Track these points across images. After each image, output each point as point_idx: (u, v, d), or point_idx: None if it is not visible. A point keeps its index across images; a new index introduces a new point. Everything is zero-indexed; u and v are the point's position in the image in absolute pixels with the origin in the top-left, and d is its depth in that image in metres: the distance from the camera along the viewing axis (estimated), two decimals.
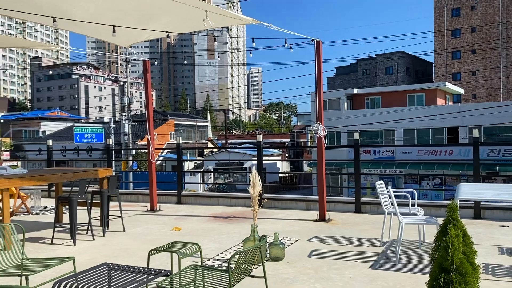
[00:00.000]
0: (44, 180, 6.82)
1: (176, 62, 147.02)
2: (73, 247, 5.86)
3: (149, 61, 8.44)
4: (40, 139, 45.98)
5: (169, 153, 38.49)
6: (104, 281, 3.04)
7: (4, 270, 3.62)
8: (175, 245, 3.97)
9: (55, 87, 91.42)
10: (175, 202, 9.59)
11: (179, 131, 51.35)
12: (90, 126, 38.78)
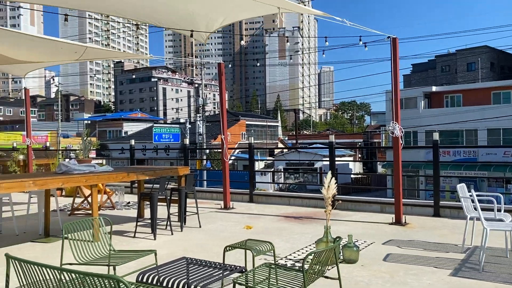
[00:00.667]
0: (128, 177, 7.30)
1: (248, 63, 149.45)
2: (153, 241, 6.21)
3: (223, 64, 8.68)
4: (123, 139, 49.10)
5: (240, 153, 39.26)
6: (183, 274, 3.19)
7: (94, 260, 3.94)
8: (249, 242, 4.06)
9: (136, 90, 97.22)
10: (247, 200, 9.78)
11: (250, 131, 52.16)
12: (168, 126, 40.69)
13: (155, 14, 6.60)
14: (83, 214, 8.48)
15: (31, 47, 6.71)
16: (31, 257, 2.72)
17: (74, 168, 6.27)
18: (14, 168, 10.97)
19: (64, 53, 7.05)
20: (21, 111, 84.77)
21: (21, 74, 10.09)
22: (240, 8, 6.60)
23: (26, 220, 7.31)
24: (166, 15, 6.65)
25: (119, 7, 6.24)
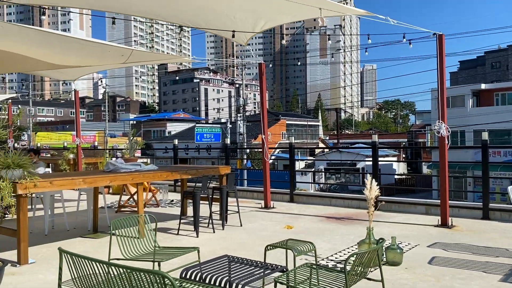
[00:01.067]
0: (172, 176, 7.49)
1: (288, 62, 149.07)
2: (196, 238, 6.34)
3: (264, 64, 8.72)
4: (166, 138, 50.31)
5: (281, 152, 39.22)
6: (224, 272, 3.24)
7: (139, 255, 4.07)
8: (290, 242, 4.07)
9: (179, 91, 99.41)
10: (287, 200, 9.77)
11: (290, 130, 52.01)
12: (209, 126, 41.32)
13: (197, 19, 6.74)
14: (129, 211, 8.78)
15: (80, 50, 7.02)
16: (81, 252, 2.87)
17: (121, 167, 6.50)
18: (65, 167, 11.50)
19: (111, 56, 7.33)
20: (71, 112, 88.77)
21: (72, 78, 10.59)
22: (282, 12, 6.61)
23: (76, 216, 7.66)
24: (208, 21, 6.76)
25: (164, 12, 6.41)
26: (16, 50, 6.64)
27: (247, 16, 6.68)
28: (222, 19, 6.70)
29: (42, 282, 4.49)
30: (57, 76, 9.86)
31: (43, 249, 5.80)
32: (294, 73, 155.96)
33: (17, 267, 5.00)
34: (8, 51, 6.50)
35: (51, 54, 6.97)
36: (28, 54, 6.84)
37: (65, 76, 10.15)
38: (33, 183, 5.05)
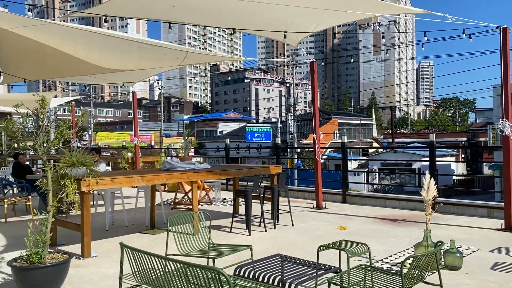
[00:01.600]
0: (224, 175, 7.63)
1: (340, 60, 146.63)
2: (248, 236, 6.41)
3: (316, 62, 8.65)
4: (218, 138, 51.19)
5: (332, 152, 38.67)
6: (277, 271, 3.26)
7: (194, 252, 4.19)
8: (343, 243, 4.02)
9: (230, 91, 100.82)
10: (340, 201, 9.63)
11: (342, 130, 51.15)
12: (260, 126, 41.56)
13: (249, 25, 6.82)
14: (184, 208, 9.03)
15: (139, 53, 7.33)
16: (139, 247, 3.00)
17: (176, 166, 6.71)
18: (124, 165, 12.01)
19: (167, 59, 7.59)
20: (128, 112, 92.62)
21: (131, 84, 11.08)
22: (334, 15, 6.54)
23: (134, 212, 7.99)
24: (260, 26, 6.82)
25: (217, 18, 6.54)
26: (79, 54, 7.05)
27: (299, 20, 6.68)
28: (273, 24, 6.73)
29: (104, 275, 4.74)
30: (118, 79, 10.33)
31: (104, 244, 6.11)
32: (346, 71, 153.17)
33: (81, 260, 5.30)
34: (72, 55, 6.91)
35: (112, 58, 7.33)
36: (90, 58, 7.24)
37: (125, 80, 10.61)
38: (96, 181, 5.33)
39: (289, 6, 6.07)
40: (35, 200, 8.85)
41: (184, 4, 5.93)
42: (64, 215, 7.80)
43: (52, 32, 6.30)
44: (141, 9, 6.13)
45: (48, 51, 6.80)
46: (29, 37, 6.21)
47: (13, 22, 5.80)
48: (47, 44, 6.50)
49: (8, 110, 14.06)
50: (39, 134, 4.42)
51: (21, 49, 6.77)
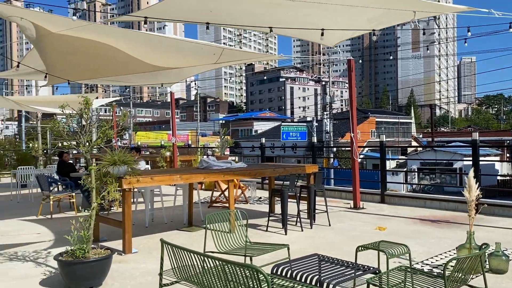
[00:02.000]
0: (260, 174, 7.64)
1: (378, 58, 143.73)
2: (284, 235, 6.41)
3: (353, 60, 8.53)
4: (253, 137, 51.38)
5: (369, 151, 37.97)
6: (314, 270, 3.25)
7: (232, 249, 4.23)
8: (382, 244, 3.95)
9: (265, 90, 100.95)
10: (378, 201, 9.45)
11: (380, 128, 50.15)
12: (295, 125, 41.39)
13: (285, 31, 6.82)
14: (220, 206, 9.13)
15: (176, 52, 7.49)
16: (178, 244, 3.06)
17: (213, 164, 6.79)
18: (162, 164, 12.27)
19: (204, 56, 7.70)
20: (166, 112, 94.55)
21: (169, 85, 11.31)
22: (373, 21, 6.43)
23: (172, 210, 8.15)
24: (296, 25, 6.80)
25: (253, 21, 6.56)
26: (120, 54, 7.27)
27: (337, 27, 6.61)
28: (309, 23, 6.68)
29: (144, 271, 4.86)
30: (157, 81, 10.58)
31: (144, 240, 6.27)
32: (384, 69, 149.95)
33: (122, 255, 5.47)
34: (114, 55, 7.13)
35: (152, 57, 7.51)
36: (131, 58, 7.45)
37: (163, 81, 10.85)
38: (136, 179, 5.48)
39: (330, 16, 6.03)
40: (78, 197, 9.20)
41: (221, 8, 5.98)
42: (106, 212, 8.06)
43: (95, 33, 6.53)
44: (179, 13, 6.24)
45: (91, 51, 7.07)
46: (73, 39, 6.46)
47: (59, 25, 6.05)
48: (90, 45, 6.74)
49: (52, 111, 14.65)
50: (83, 134, 4.60)
51: (65, 51, 7.05)
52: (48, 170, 11.73)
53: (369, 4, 6.07)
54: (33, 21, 5.98)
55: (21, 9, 5.82)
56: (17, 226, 7.52)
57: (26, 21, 5.92)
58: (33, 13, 5.95)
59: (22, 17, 5.83)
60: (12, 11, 5.75)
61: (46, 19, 6.01)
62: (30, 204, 9.94)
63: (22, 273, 4.80)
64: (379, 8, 6.13)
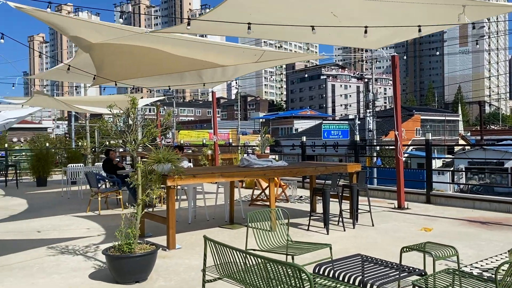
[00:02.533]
0: (301, 173, 7.61)
1: (423, 53, 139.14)
2: (326, 235, 6.35)
3: (397, 56, 8.31)
4: (293, 135, 51.18)
5: (414, 150, 36.88)
6: (357, 271, 3.19)
7: (273, 248, 4.24)
8: (428, 245, 3.83)
9: (305, 88, 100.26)
10: (423, 201, 9.17)
11: (425, 126, 48.60)
12: (337, 123, 40.83)
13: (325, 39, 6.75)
14: (261, 204, 9.17)
15: (218, 53, 7.59)
16: (220, 241, 3.10)
17: (254, 163, 6.83)
18: (204, 162, 12.47)
19: (246, 57, 7.76)
20: (208, 111, 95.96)
21: (211, 87, 11.48)
22: (417, 26, 6.22)
23: (214, 207, 8.27)
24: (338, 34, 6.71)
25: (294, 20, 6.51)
26: (164, 56, 7.46)
27: (380, 32, 6.46)
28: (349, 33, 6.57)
29: (187, 266, 4.97)
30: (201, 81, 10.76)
31: (187, 237, 6.40)
32: (430, 65, 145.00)
33: (166, 251, 5.61)
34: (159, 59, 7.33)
35: (194, 60, 7.65)
36: (174, 61, 7.63)
37: (206, 84, 11.04)
38: (180, 177, 5.60)
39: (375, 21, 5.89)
40: (124, 194, 9.52)
41: (260, 24, 5.98)
42: (150, 208, 8.30)
43: (140, 41, 6.72)
44: (220, 29, 6.31)
45: (136, 52, 7.29)
46: (120, 44, 6.70)
47: (107, 35, 6.29)
48: (135, 48, 6.96)
49: (99, 111, 15.21)
50: (129, 133, 4.75)
51: (112, 54, 7.31)
52: (96, 168, 12.22)
53: (413, 11, 5.87)
54: (84, 36, 6.27)
55: (75, 20, 6.05)
56: (67, 221, 7.88)
57: (78, 36, 6.24)
58: (84, 24, 6.17)
59: (77, 35, 6.14)
60: (69, 24, 6.03)
61: (98, 30, 6.26)
62: (80, 200, 10.39)
63: (73, 266, 5.03)
64: (426, 14, 5.92)
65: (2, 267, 5.04)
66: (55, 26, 6.30)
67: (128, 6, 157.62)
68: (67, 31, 6.37)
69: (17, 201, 10.67)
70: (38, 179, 14.19)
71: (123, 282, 4.37)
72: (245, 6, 5.40)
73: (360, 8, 5.78)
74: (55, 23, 6.16)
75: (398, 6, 5.48)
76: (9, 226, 7.52)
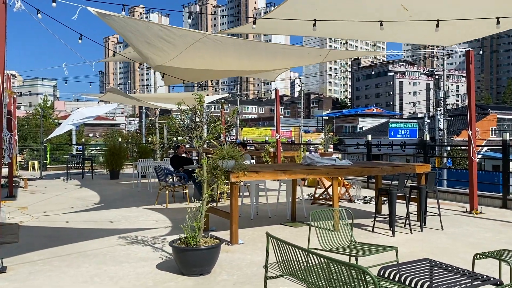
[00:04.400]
0: (367, 172, 7.41)
1: (501, 48, 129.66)
2: (391, 237, 6.13)
3: (472, 51, 7.82)
4: (358, 134, 49.98)
5: (489, 151, 34.52)
6: (425, 276, 3.05)
7: (336, 248, 4.16)
8: (505, 253, 3.57)
9: (372, 85, 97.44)
10: (498, 205, 8.56)
11: (502, 126, 45.32)
12: (404, 121, 39.29)
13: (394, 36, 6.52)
14: (323, 204, 9.06)
15: (283, 54, 7.60)
16: (281, 238, 3.10)
17: (317, 161, 6.76)
18: (267, 159, 12.57)
19: (310, 57, 7.70)
20: (270, 109, 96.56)
21: (272, 78, 11.51)
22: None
23: (276, 205, 8.30)
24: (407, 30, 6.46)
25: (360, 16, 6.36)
26: (230, 61, 7.61)
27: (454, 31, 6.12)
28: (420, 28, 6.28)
29: (249, 262, 5.03)
30: (260, 75, 10.86)
31: (249, 232, 6.48)
32: (508, 60, 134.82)
33: (229, 245, 5.72)
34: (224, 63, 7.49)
35: (258, 61, 7.73)
36: (240, 65, 7.76)
37: (265, 76, 11.10)
38: (243, 173, 5.68)
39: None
40: (190, 188, 9.84)
41: (326, 23, 5.89)
42: (215, 203, 8.51)
43: (206, 44, 6.90)
44: (285, 29, 6.31)
45: (202, 55, 7.50)
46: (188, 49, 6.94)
47: (178, 48, 6.55)
48: (202, 53, 7.18)
49: (168, 107, 15.82)
50: (196, 129, 4.90)
51: (181, 57, 7.59)
52: (164, 163, 12.74)
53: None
54: (154, 56, 6.58)
55: (144, 27, 6.34)
56: (137, 213, 8.30)
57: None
58: (153, 33, 6.47)
59: (147, 55, 6.45)
60: (137, 35, 6.35)
61: (168, 40, 6.56)
62: (149, 193, 10.90)
63: (142, 256, 5.29)
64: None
65: (79, 253, 5.42)
66: (126, 39, 6.65)
67: (196, 6, 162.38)
68: (139, 47, 6.71)
69: (92, 192, 11.42)
70: (111, 172, 15.10)
71: (188, 273, 4.52)
72: (311, 2, 5.35)
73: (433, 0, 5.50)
74: (126, 34, 6.50)
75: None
76: (85, 216, 8.06)
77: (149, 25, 6.36)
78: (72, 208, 8.90)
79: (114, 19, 5.92)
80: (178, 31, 6.34)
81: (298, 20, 5.55)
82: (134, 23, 6.24)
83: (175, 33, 6.34)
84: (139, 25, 6.28)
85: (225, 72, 8.78)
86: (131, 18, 6.29)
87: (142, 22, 6.29)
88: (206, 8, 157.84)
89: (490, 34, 6.52)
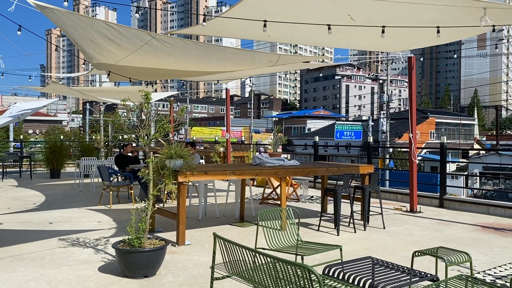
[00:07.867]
0: (313, 172, 7.55)
1: (440, 56, 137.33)
2: (336, 236, 6.29)
3: (414, 58, 8.20)
4: (306, 135, 51.00)
5: (428, 153, 36.45)
6: (367, 274, 3.15)
7: (283, 247, 4.20)
8: (440, 250, 3.76)
9: (319, 88, 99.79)
10: (436, 205, 9.04)
11: (440, 129, 48.04)
12: (350, 124, 40.58)
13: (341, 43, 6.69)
14: (271, 203, 9.14)
15: (234, 59, 7.57)
16: (229, 238, 3.08)
17: (266, 161, 6.80)
18: (216, 159, 12.48)
19: (261, 62, 7.73)
20: (221, 109, 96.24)
21: (225, 82, 11.49)
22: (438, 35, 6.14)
23: (225, 205, 8.27)
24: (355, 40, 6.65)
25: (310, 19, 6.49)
26: (179, 64, 7.48)
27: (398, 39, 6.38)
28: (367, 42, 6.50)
29: (196, 263, 4.96)
30: (214, 78, 10.80)
31: (197, 233, 6.40)
32: (446, 67, 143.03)
33: (175, 247, 5.61)
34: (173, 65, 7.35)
35: (209, 65, 7.66)
36: (190, 67, 7.64)
37: (219, 78, 11.05)
38: (192, 173, 5.60)
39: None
40: (136, 189, 9.57)
41: (277, 28, 5.93)
42: (161, 204, 8.32)
43: (155, 46, 6.72)
44: (235, 32, 6.29)
45: (151, 59, 7.32)
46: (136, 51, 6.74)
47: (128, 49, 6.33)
48: (151, 56, 7.00)
49: (114, 101, 15.26)
50: (142, 127, 4.76)
51: (127, 61, 7.37)
52: (109, 162, 12.31)
53: (432, 17, 5.78)
54: (98, 55, 6.33)
55: (89, 24, 6.06)
56: (79, 214, 7.96)
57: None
58: (97, 31, 6.20)
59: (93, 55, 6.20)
60: (81, 31, 6.08)
61: (121, 45, 6.31)
62: (92, 193, 10.48)
63: (83, 258, 5.07)
64: (445, 19, 5.83)
65: (14, 257, 5.10)
66: (69, 35, 6.34)
67: (145, 1, 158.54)
68: (82, 46, 6.43)
69: (31, 192, 10.82)
70: (51, 171, 14.38)
71: (132, 276, 4.38)
72: (262, 7, 5.38)
73: (378, 11, 5.70)
74: (69, 30, 6.19)
75: (418, 8, 5.39)
76: (22, 217, 7.61)
77: (94, 22, 6.03)
78: (9, 209, 8.38)
79: (55, 13, 5.59)
80: (125, 31, 6.11)
81: (248, 20, 5.55)
82: (77, 18, 5.94)
83: (121, 33, 6.11)
84: (83, 21, 5.98)
85: (175, 72, 8.60)
86: (74, 13, 5.97)
87: (86, 18, 5.98)
88: (156, 3, 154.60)
89: (430, 45, 6.87)
